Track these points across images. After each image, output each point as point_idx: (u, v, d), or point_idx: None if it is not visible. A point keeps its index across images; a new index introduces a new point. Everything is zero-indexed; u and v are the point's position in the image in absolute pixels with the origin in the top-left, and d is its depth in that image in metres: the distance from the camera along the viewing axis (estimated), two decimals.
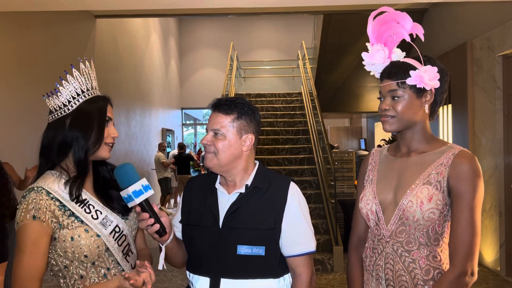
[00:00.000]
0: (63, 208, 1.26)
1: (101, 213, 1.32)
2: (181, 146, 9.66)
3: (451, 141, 5.24)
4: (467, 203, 1.28)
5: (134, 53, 9.25)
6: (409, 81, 1.33)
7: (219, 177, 1.47)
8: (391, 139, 7.82)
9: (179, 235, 1.48)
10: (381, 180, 1.45)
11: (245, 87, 11.07)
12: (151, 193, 1.28)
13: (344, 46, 7.56)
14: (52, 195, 1.25)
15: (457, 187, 1.30)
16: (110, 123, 1.37)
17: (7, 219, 2.71)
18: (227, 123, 1.39)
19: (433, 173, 1.34)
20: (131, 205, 1.28)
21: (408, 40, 1.39)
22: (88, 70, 1.35)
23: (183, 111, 14.60)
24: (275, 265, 1.39)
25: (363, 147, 13.44)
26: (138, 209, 1.27)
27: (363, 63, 1.46)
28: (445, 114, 5.71)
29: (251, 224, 1.37)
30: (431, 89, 1.36)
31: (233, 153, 1.39)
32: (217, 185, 1.46)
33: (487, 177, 4.70)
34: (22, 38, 5.04)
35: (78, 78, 1.32)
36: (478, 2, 4.87)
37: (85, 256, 1.26)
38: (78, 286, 1.28)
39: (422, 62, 1.36)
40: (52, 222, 1.23)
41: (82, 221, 1.27)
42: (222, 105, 1.41)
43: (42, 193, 1.24)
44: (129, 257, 1.38)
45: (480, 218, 1.30)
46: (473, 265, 1.27)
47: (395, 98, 1.36)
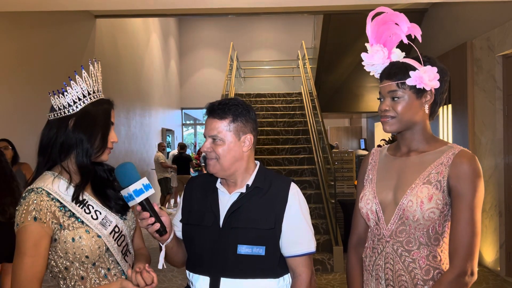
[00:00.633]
0: (64, 209, 1.26)
1: (100, 213, 1.32)
2: (182, 146, 9.66)
3: (451, 141, 5.24)
4: (467, 203, 1.28)
5: (134, 53, 9.25)
6: (408, 82, 1.33)
7: None
8: (391, 139, 7.81)
9: (179, 234, 1.48)
10: (381, 179, 1.45)
11: (245, 87, 11.08)
12: (151, 192, 1.28)
13: (344, 46, 7.56)
14: (52, 196, 1.24)
15: (457, 187, 1.30)
16: (112, 128, 1.37)
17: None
18: (223, 128, 1.38)
19: (433, 173, 1.34)
20: (131, 204, 1.28)
21: (405, 41, 1.39)
22: (96, 72, 1.35)
23: (183, 111, 14.60)
24: (275, 265, 1.39)
25: (363, 147, 13.45)
26: (138, 208, 1.27)
27: (363, 64, 1.46)
28: (445, 114, 5.70)
29: (251, 224, 1.37)
30: (431, 90, 1.36)
31: (234, 156, 1.39)
32: (218, 185, 1.46)
33: (487, 177, 4.70)
34: (22, 38, 5.04)
35: (86, 79, 1.32)
36: (478, 2, 4.86)
37: (86, 257, 1.25)
38: (78, 287, 1.28)
39: (421, 62, 1.35)
40: (52, 223, 1.23)
41: (82, 222, 1.27)
42: (216, 110, 1.40)
43: (42, 194, 1.23)
44: (128, 257, 1.38)
45: (480, 218, 1.30)
46: (473, 265, 1.27)
47: (395, 98, 1.36)
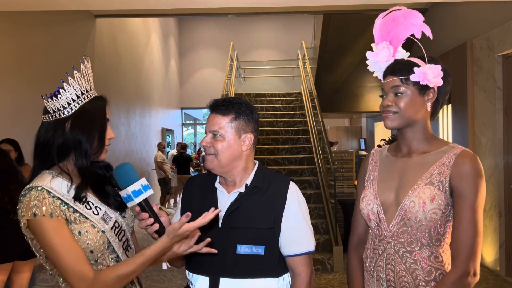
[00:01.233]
0: (66, 205, 1.25)
1: (100, 209, 1.32)
2: (182, 146, 9.66)
3: (451, 141, 5.23)
4: (469, 203, 1.27)
5: (134, 53, 9.25)
6: (412, 78, 1.33)
7: (218, 176, 1.47)
8: (391, 139, 7.81)
9: None
10: (382, 180, 1.45)
11: (245, 87, 11.07)
12: (150, 192, 1.27)
13: (344, 46, 7.55)
14: (52, 194, 1.24)
15: (459, 187, 1.29)
16: (107, 124, 1.37)
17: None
18: (225, 124, 1.39)
19: (435, 173, 1.33)
20: (130, 205, 1.27)
21: (418, 36, 1.39)
22: (87, 70, 1.35)
23: (183, 111, 14.60)
24: (274, 264, 1.39)
25: (362, 147, 13.46)
26: (137, 209, 1.27)
27: (367, 63, 1.46)
28: (445, 114, 5.70)
29: (250, 223, 1.37)
30: (434, 88, 1.36)
31: (232, 154, 1.39)
32: (217, 185, 1.46)
33: (487, 177, 4.70)
34: (22, 37, 5.04)
35: (79, 80, 1.31)
36: (478, 2, 4.86)
37: (91, 251, 1.25)
38: None
39: (426, 61, 1.36)
40: (60, 216, 1.21)
41: (86, 217, 1.26)
42: (219, 106, 1.41)
43: (43, 192, 1.22)
44: (129, 252, 1.38)
45: (482, 218, 1.29)
46: (475, 266, 1.26)
47: (398, 94, 1.36)
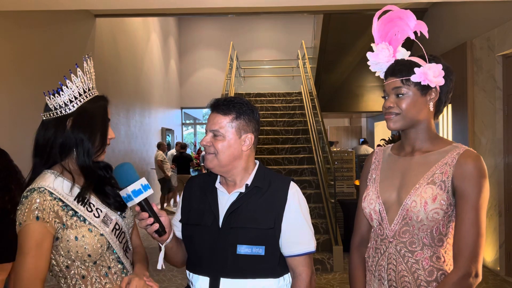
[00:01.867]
0: (66, 208, 1.25)
1: (101, 211, 1.32)
2: (183, 146, 9.66)
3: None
4: (471, 203, 1.26)
5: (134, 53, 9.24)
6: (413, 78, 1.32)
7: (219, 176, 1.47)
8: (391, 139, 7.80)
9: (179, 234, 1.47)
10: (385, 179, 1.44)
11: (244, 86, 11.07)
12: (150, 192, 1.27)
13: (344, 46, 7.55)
14: (54, 195, 1.24)
15: (461, 187, 1.28)
16: (108, 124, 1.37)
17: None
18: (226, 124, 1.38)
19: (438, 173, 1.32)
20: (130, 204, 1.27)
21: (412, 37, 1.38)
22: (90, 69, 1.35)
23: (183, 110, 14.60)
24: (275, 264, 1.39)
25: None
26: (137, 209, 1.27)
27: (368, 63, 1.45)
28: (445, 114, 5.70)
29: (251, 223, 1.37)
30: (436, 87, 1.35)
31: (232, 153, 1.39)
32: (217, 185, 1.45)
33: None
34: (21, 37, 5.03)
35: (81, 77, 1.31)
36: (478, 2, 4.86)
37: (89, 255, 1.25)
38: (80, 286, 1.27)
39: (427, 60, 1.35)
40: (55, 222, 1.22)
41: (85, 220, 1.26)
42: (220, 106, 1.40)
43: (45, 193, 1.22)
44: (128, 253, 1.39)
45: (485, 218, 1.28)
46: (477, 266, 1.25)
47: (399, 95, 1.35)
